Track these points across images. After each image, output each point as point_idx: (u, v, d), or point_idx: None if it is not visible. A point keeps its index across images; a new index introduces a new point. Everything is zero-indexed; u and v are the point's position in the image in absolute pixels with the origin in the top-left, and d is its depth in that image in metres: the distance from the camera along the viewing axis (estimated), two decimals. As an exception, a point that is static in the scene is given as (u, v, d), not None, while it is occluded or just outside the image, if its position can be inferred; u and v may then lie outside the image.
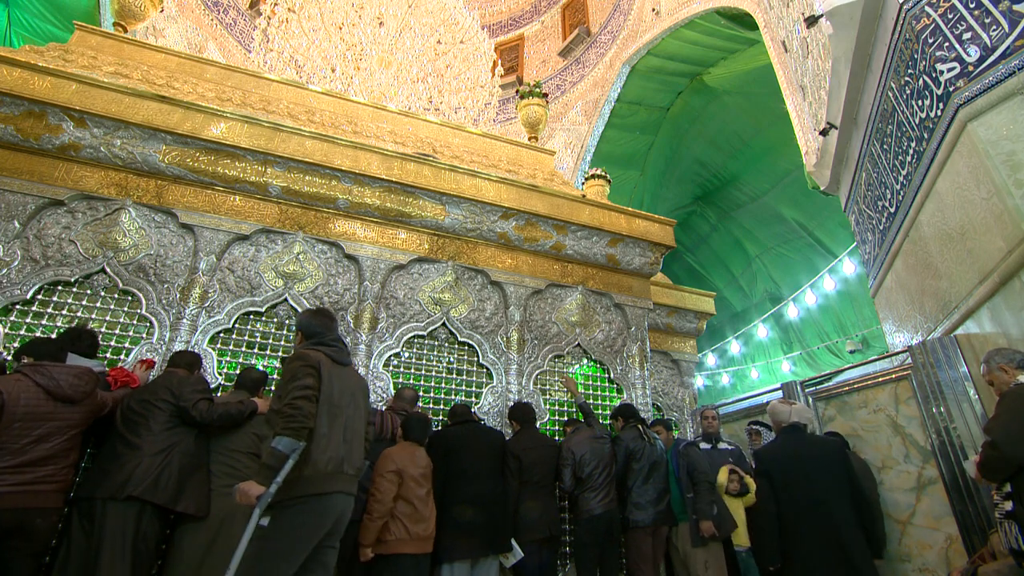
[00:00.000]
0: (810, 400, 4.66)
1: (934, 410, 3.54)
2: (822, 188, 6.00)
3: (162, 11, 7.80)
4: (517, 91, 6.99)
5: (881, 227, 4.81)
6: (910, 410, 3.79)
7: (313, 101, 5.40)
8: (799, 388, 4.77)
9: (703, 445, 4.43)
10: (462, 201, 4.62)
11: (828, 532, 3.15)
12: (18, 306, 3.43)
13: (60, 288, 3.58)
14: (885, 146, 4.24)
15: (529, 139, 6.54)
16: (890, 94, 3.93)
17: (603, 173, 6.12)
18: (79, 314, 3.55)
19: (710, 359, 14.81)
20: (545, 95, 6.75)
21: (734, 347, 13.96)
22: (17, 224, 3.56)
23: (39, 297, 3.50)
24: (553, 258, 5.01)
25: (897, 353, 4.03)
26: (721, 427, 4.88)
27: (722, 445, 4.48)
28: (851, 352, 10.38)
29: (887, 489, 3.78)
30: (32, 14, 8.04)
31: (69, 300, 3.57)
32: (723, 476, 4.01)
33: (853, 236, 6.26)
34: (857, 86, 4.42)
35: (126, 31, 5.14)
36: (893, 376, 3.95)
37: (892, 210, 4.41)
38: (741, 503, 3.97)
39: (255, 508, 2.23)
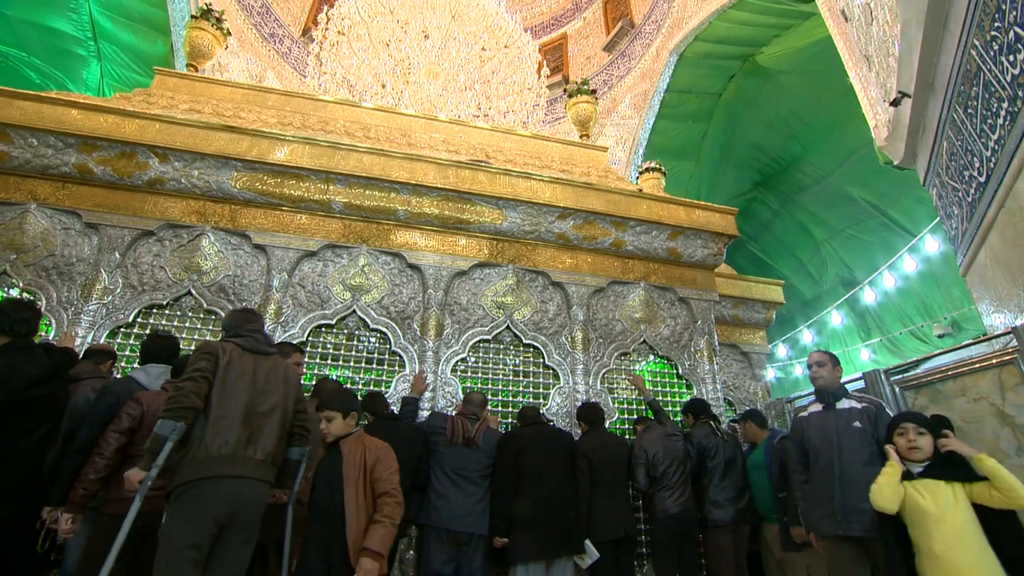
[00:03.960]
0: (896, 389, 4.35)
1: (1048, 396, 3.21)
2: (896, 162, 5.59)
3: (226, 48, 8.34)
4: (564, 90, 6.99)
5: (969, 199, 4.43)
6: (1019, 398, 3.45)
7: (367, 118, 5.60)
8: (883, 377, 4.45)
9: (813, 409, 3.39)
10: (518, 204, 4.65)
11: None
12: (122, 329, 3.81)
13: (155, 311, 3.92)
14: (970, 110, 3.91)
15: (580, 137, 6.50)
16: (973, 53, 3.62)
17: (657, 166, 6.00)
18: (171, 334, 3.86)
19: (781, 350, 14.11)
20: (593, 91, 6.69)
21: (806, 336, 13.23)
22: (118, 255, 3.94)
23: (138, 320, 3.86)
24: (613, 255, 4.95)
25: (999, 335, 3.68)
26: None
27: (844, 404, 3.21)
28: (940, 336, 9.59)
29: (996, 484, 3.46)
30: (120, 65, 9.29)
31: (163, 322, 3.91)
32: (894, 461, 2.65)
33: (934, 212, 5.81)
34: (932, 49, 4.09)
35: (197, 70, 5.53)
36: (995, 361, 3.60)
37: (982, 179, 4.05)
38: (958, 497, 2.34)
39: (136, 496, 2.23)
